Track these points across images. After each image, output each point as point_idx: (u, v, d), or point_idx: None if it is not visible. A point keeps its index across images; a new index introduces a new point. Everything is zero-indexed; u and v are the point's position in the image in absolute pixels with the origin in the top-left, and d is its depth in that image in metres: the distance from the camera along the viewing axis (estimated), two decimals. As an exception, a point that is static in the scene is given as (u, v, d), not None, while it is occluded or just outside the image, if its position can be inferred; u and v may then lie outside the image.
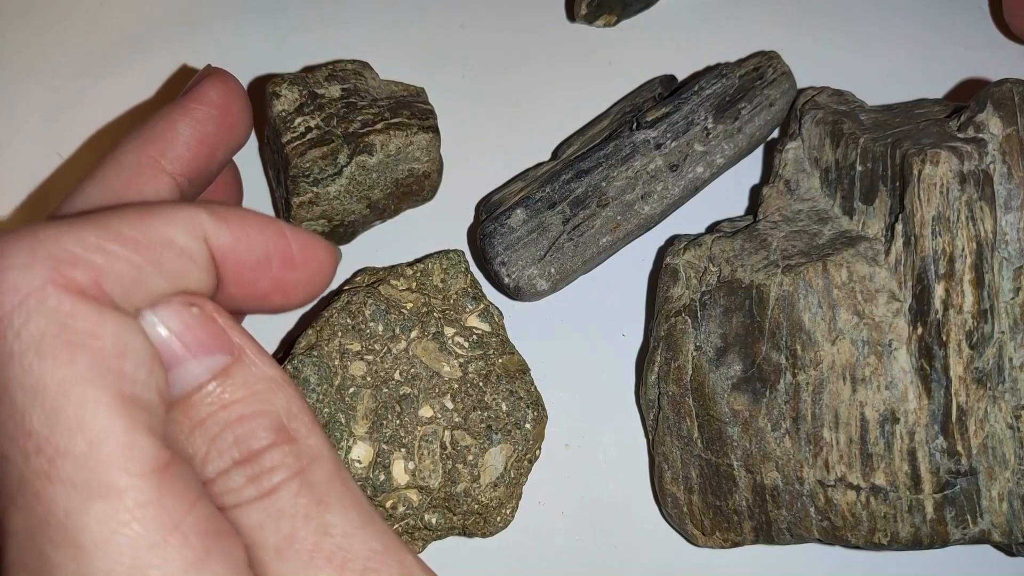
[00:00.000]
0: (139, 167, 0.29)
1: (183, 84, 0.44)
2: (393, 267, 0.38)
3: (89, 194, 0.28)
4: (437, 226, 0.42)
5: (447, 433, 0.35)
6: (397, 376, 0.36)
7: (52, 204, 0.43)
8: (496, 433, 0.36)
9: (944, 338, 0.33)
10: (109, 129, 0.44)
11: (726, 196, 0.42)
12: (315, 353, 0.36)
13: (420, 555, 0.36)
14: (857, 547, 0.36)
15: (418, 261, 0.38)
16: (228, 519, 0.22)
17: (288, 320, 0.41)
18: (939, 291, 0.33)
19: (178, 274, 0.23)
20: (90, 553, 0.20)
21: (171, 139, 0.30)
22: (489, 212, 0.40)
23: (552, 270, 0.38)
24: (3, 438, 0.20)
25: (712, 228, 0.40)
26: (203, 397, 0.22)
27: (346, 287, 0.38)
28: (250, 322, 0.38)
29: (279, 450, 0.22)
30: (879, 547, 0.35)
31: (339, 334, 0.36)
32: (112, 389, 0.21)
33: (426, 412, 0.36)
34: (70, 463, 0.20)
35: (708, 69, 0.42)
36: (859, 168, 0.36)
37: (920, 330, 0.34)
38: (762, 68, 0.40)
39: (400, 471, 0.35)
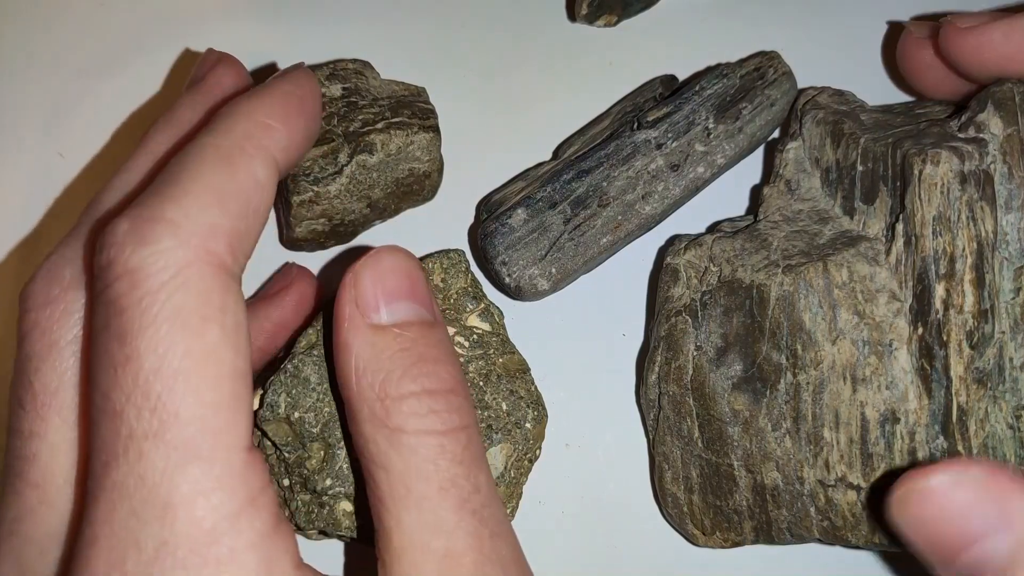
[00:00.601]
0: None
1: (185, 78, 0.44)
2: (393, 267, 0.38)
3: (127, 186, 0.29)
4: (437, 226, 0.42)
5: (448, 433, 0.35)
6: (397, 376, 0.36)
7: (54, 204, 0.43)
8: (496, 433, 0.36)
9: (944, 338, 0.33)
10: (110, 129, 0.44)
11: (727, 196, 0.42)
12: (316, 352, 0.36)
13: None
14: (857, 547, 0.36)
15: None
16: (404, 443, 0.24)
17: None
18: (940, 291, 0.33)
19: (265, 206, 0.25)
20: (176, 513, 0.21)
21: (200, 127, 0.30)
22: (490, 212, 0.40)
23: (553, 270, 0.38)
24: (122, 397, 0.22)
25: (712, 228, 0.40)
26: (410, 332, 0.25)
27: (346, 287, 0.38)
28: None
29: (458, 397, 0.25)
30: (879, 547, 0.35)
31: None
32: (229, 364, 0.23)
33: (427, 412, 0.36)
34: (178, 426, 0.22)
35: (709, 69, 0.42)
36: (860, 168, 0.36)
37: (920, 330, 0.34)
38: (763, 68, 0.40)
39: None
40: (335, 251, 0.41)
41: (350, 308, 0.25)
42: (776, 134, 0.42)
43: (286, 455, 0.34)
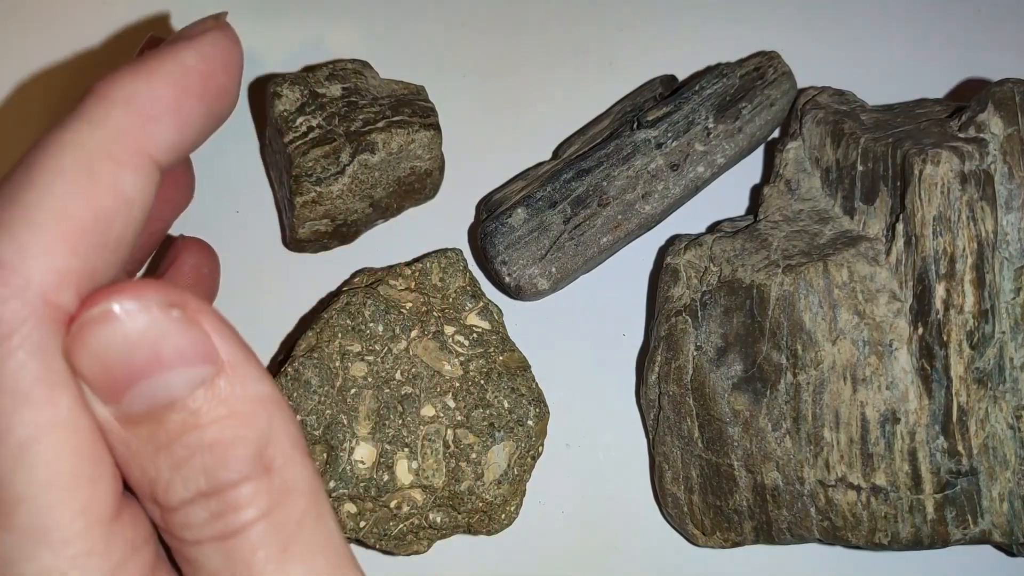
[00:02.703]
0: None
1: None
2: (391, 267, 0.38)
3: None
4: (438, 225, 0.42)
5: (450, 432, 0.35)
6: (398, 376, 0.36)
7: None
8: (499, 431, 0.36)
9: (945, 338, 0.33)
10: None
11: (727, 196, 0.42)
12: (316, 355, 0.36)
13: (425, 554, 0.36)
14: (857, 547, 0.36)
15: (416, 261, 0.38)
16: (186, 555, 0.20)
17: (288, 322, 0.41)
18: (940, 291, 0.33)
19: (133, 227, 0.21)
20: None
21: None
22: (490, 211, 0.40)
23: (553, 269, 0.38)
24: None
25: (713, 228, 0.40)
26: (174, 415, 0.19)
27: (345, 288, 0.38)
28: (250, 326, 0.38)
29: (250, 485, 0.20)
30: (879, 547, 0.35)
31: (339, 335, 0.36)
32: (83, 432, 0.19)
33: (428, 411, 0.36)
34: (25, 510, 0.19)
35: (708, 69, 0.42)
36: (860, 168, 0.36)
37: (921, 330, 0.34)
38: (763, 68, 0.40)
39: (404, 471, 0.35)
40: (338, 252, 0.41)
41: (85, 391, 0.19)
42: (776, 134, 0.42)
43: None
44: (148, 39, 0.30)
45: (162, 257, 0.35)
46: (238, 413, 0.20)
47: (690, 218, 0.41)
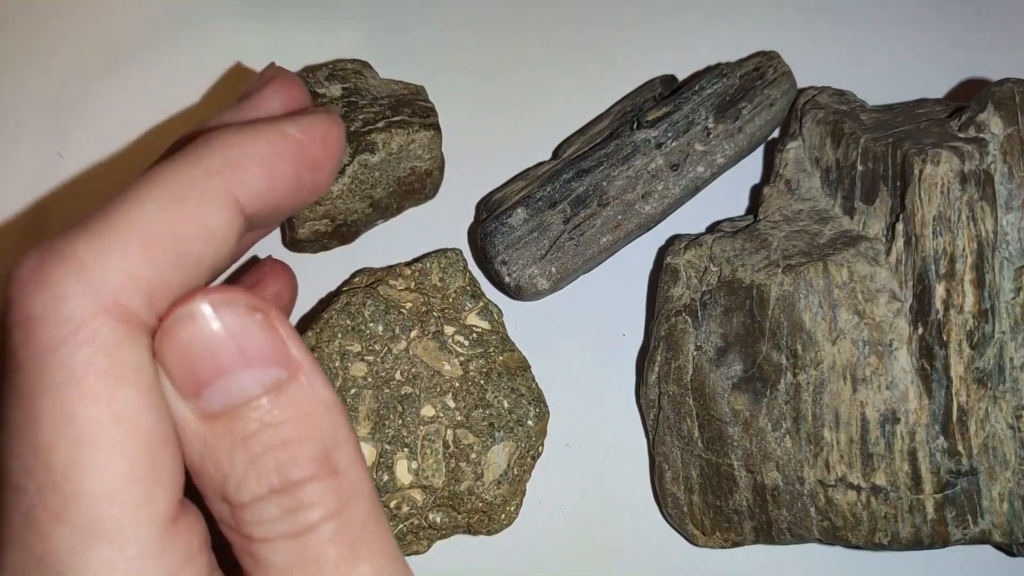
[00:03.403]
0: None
1: (185, 83, 0.44)
2: (391, 267, 0.38)
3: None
4: (438, 225, 0.42)
5: (449, 432, 0.35)
6: (398, 376, 0.36)
7: (53, 204, 0.42)
8: (499, 431, 0.36)
9: (945, 338, 0.33)
10: (109, 129, 0.43)
11: (727, 196, 0.42)
12: (315, 355, 0.36)
13: (425, 554, 0.36)
14: (857, 547, 0.36)
15: (416, 261, 0.38)
16: (255, 553, 0.21)
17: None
18: (940, 291, 0.33)
19: (211, 258, 0.22)
20: None
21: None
22: (490, 211, 0.40)
23: (553, 269, 0.38)
24: (20, 469, 0.19)
25: (713, 228, 0.40)
26: (251, 412, 0.20)
27: (344, 288, 0.38)
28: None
29: (320, 484, 0.21)
30: (879, 547, 0.35)
31: (339, 335, 0.36)
32: (147, 429, 0.20)
33: (428, 411, 0.36)
34: (84, 504, 0.19)
35: (708, 69, 0.42)
36: (860, 168, 0.36)
37: (921, 330, 0.34)
38: (762, 68, 0.40)
39: (404, 471, 0.35)
40: (337, 252, 0.41)
41: (167, 387, 0.21)
42: (776, 134, 0.42)
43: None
44: (269, 66, 0.31)
45: (245, 272, 0.36)
46: (308, 414, 0.21)
47: (690, 218, 0.41)
